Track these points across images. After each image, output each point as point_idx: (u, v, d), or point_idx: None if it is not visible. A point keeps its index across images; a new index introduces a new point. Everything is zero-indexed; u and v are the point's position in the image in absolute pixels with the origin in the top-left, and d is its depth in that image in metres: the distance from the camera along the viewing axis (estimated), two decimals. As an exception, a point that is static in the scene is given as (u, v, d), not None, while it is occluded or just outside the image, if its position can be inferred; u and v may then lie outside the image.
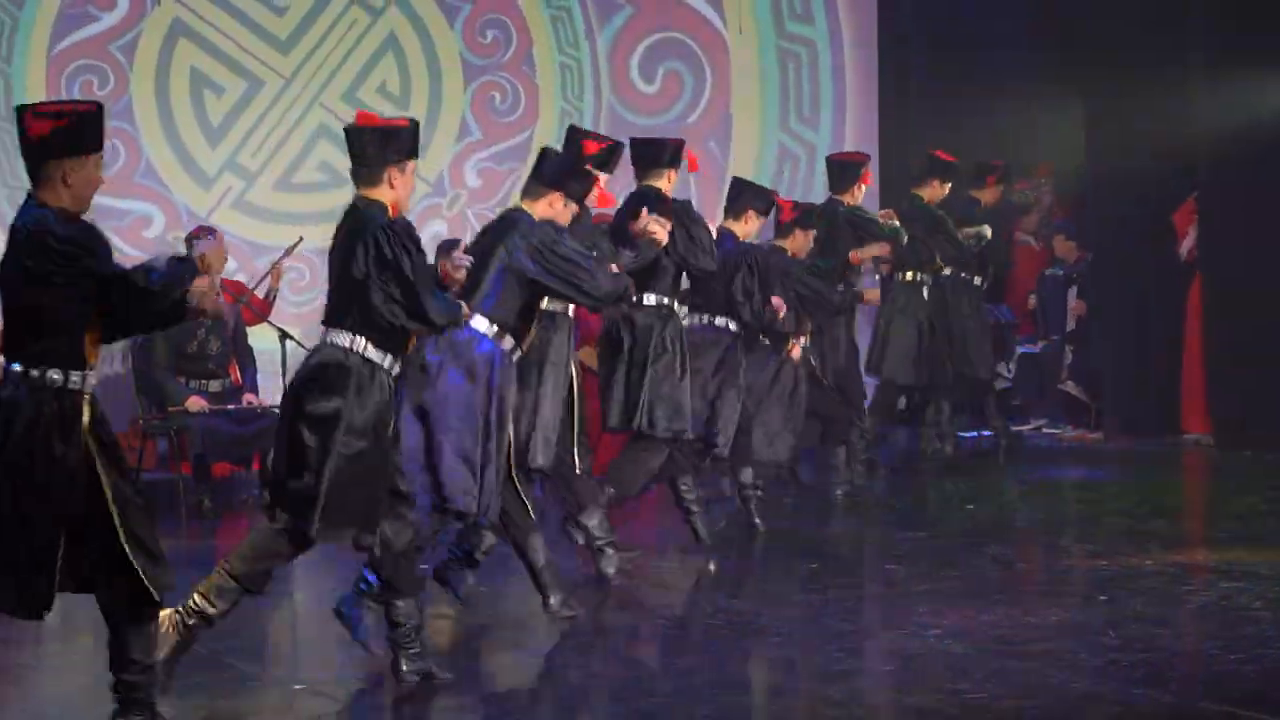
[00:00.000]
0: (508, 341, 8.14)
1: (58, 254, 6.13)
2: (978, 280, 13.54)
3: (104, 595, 6.27)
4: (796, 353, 11.17)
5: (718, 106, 15.01)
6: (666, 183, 9.84)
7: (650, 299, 9.81)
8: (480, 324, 8.04)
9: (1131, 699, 7.18)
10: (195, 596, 7.03)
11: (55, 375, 6.14)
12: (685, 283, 10.06)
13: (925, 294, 13.18)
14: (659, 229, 9.00)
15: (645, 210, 9.21)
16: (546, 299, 8.46)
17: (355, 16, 13.95)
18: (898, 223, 12.49)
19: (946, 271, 13.29)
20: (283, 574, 9.94)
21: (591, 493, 9.41)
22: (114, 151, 13.10)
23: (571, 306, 8.84)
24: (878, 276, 13.47)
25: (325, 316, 7.15)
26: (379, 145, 7.15)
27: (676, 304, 9.95)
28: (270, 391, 12.46)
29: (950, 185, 13.38)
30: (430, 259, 7.37)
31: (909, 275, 13.20)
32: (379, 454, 7.00)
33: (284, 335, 12.11)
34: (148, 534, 6.24)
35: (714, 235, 10.09)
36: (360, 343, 6.98)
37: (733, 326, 10.51)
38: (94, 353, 6.27)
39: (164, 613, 6.60)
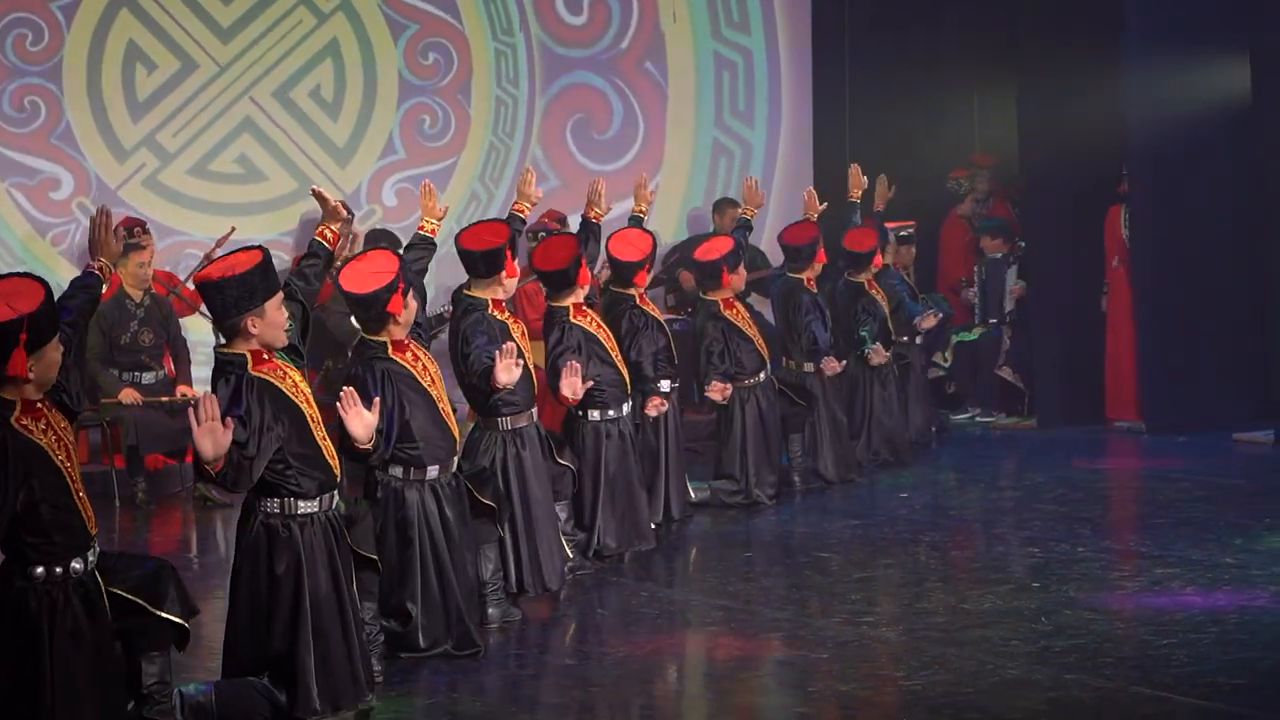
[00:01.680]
0: None
1: None
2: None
3: None
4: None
5: (647, 26, 15.09)
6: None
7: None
8: None
9: (1065, 685, 7.23)
10: None
11: None
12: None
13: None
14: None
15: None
16: None
17: (301, 17, 13.89)
18: None
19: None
20: (218, 567, 9.93)
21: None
22: (34, 109, 13.06)
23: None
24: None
25: None
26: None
27: None
28: (204, 383, 12.40)
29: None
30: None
31: None
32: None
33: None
34: None
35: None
36: None
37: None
38: None
39: None
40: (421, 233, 8.72)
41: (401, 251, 8.58)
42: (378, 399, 7.46)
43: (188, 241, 13.36)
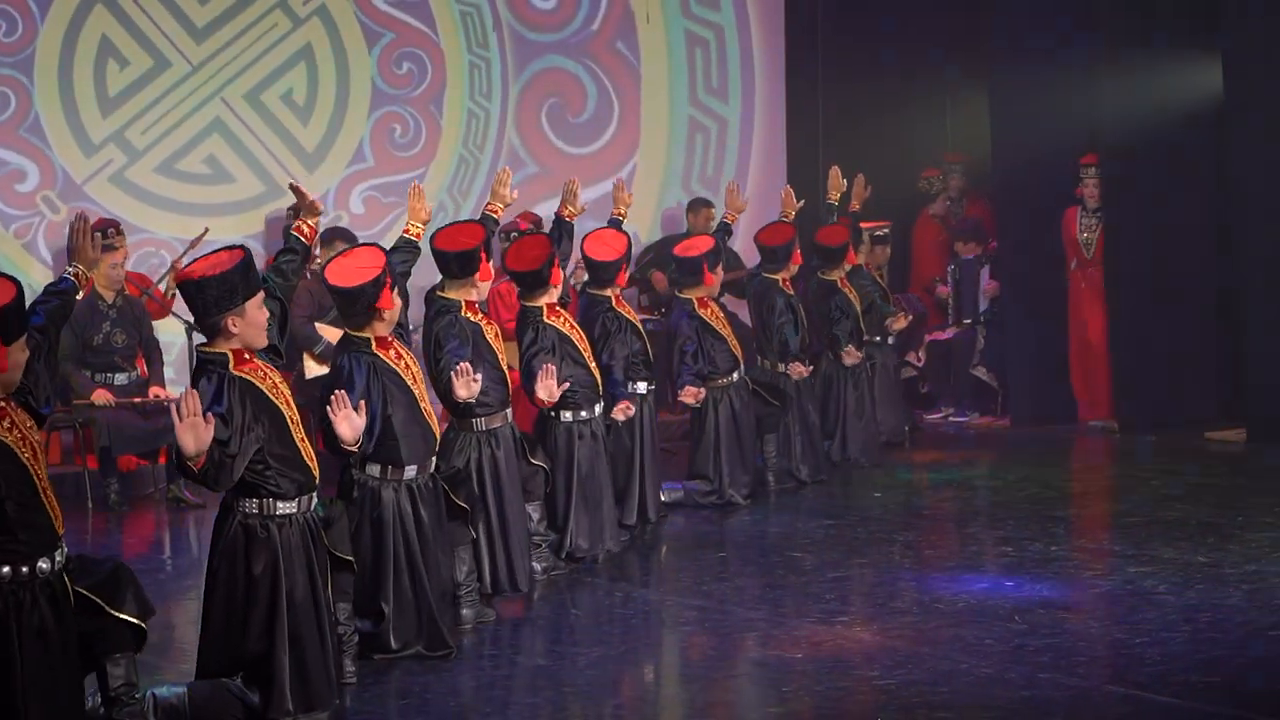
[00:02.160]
0: None
1: None
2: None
3: None
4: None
5: (617, 7, 15.14)
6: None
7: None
8: None
9: (1038, 683, 7.25)
10: None
11: None
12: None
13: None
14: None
15: None
16: None
17: (276, 20, 13.86)
18: None
19: None
20: (191, 568, 9.91)
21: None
22: (3, 100, 13.04)
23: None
24: None
25: None
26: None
27: None
28: (177, 384, 12.39)
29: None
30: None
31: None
32: None
33: (190, 327, 12.03)
34: None
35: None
36: None
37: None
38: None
39: None
40: (406, 236, 8.70)
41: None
42: (363, 403, 7.48)
43: (151, 239, 13.32)
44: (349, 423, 7.27)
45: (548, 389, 9.22)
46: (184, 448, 6.39)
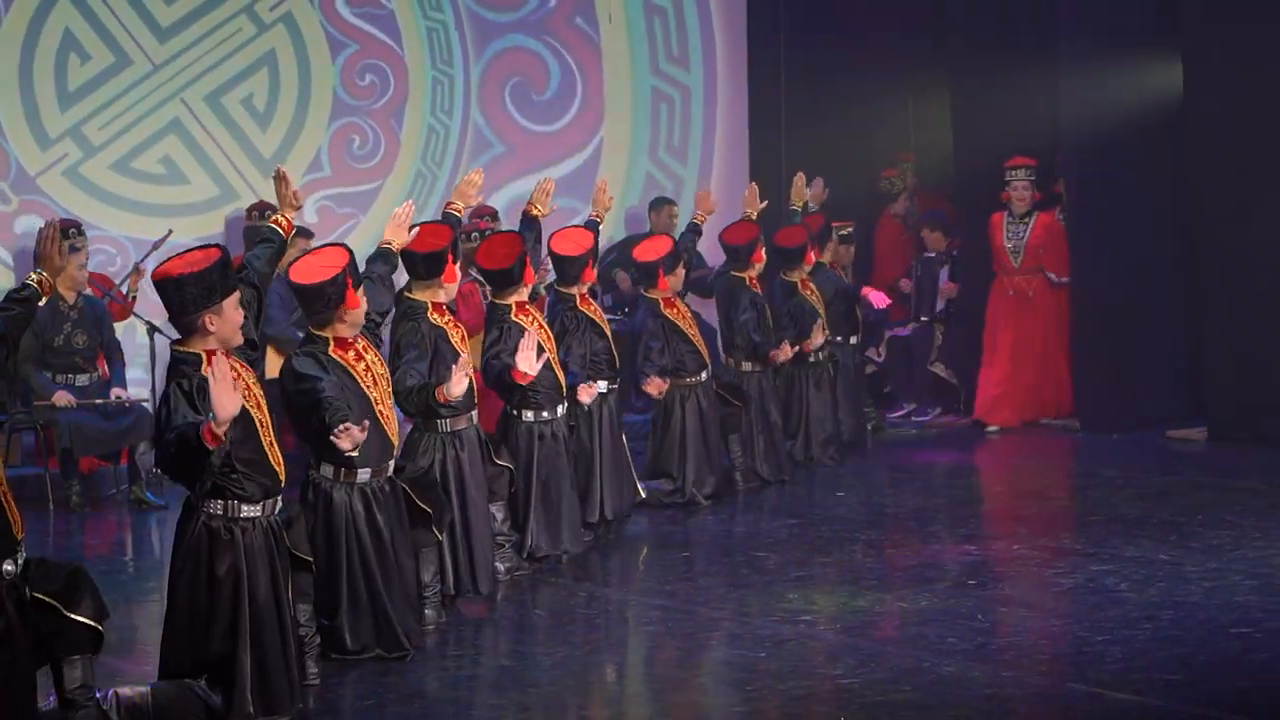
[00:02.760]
0: None
1: None
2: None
3: None
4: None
5: None
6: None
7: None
8: None
9: (1000, 682, 7.27)
10: None
11: None
12: None
13: None
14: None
15: None
16: None
17: (241, 25, 13.79)
18: None
19: None
20: (153, 570, 9.89)
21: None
22: (-40, 89, 13.02)
23: None
24: None
25: None
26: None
27: None
28: (139, 386, 12.35)
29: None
30: None
31: None
32: None
33: (152, 329, 12.00)
34: None
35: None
36: None
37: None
38: None
39: None
40: (383, 247, 8.61)
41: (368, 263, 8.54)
42: (367, 423, 7.51)
43: (104, 237, 13.23)
44: (350, 438, 7.36)
45: (528, 360, 9.18)
46: (223, 410, 6.30)
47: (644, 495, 11.02)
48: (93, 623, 6.54)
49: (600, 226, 10.85)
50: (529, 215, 10.28)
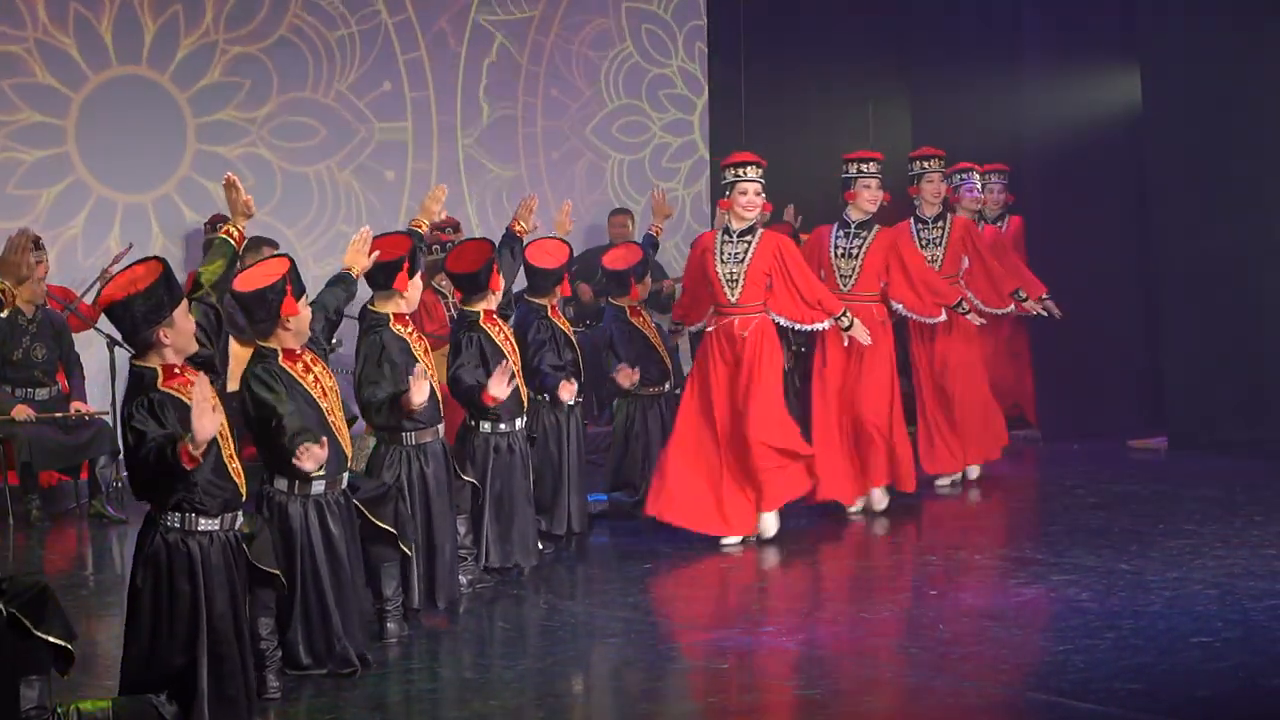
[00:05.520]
0: None
1: None
2: None
3: None
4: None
5: None
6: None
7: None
8: None
9: (963, 692, 7.28)
10: None
11: None
12: None
13: None
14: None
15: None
16: None
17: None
18: None
19: None
20: (114, 584, 9.84)
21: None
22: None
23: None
24: None
25: None
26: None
27: None
28: (98, 399, 12.29)
29: None
30: None
31: None
32: None
33: (113, 343, 11.94)
34: None
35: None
36: None
37: None
38: None
39: None
40: (343, 271, 8.58)
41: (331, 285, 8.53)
42: (325, 439, 7.47)
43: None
44: (312, 457, 7.36)
45: (499, 386, 9.17)
46: (203, 432, 6.28)
47: (592, 510, 11.02)
48: (63, 643, 6.51)
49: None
50: (511, 231, 10.29)
